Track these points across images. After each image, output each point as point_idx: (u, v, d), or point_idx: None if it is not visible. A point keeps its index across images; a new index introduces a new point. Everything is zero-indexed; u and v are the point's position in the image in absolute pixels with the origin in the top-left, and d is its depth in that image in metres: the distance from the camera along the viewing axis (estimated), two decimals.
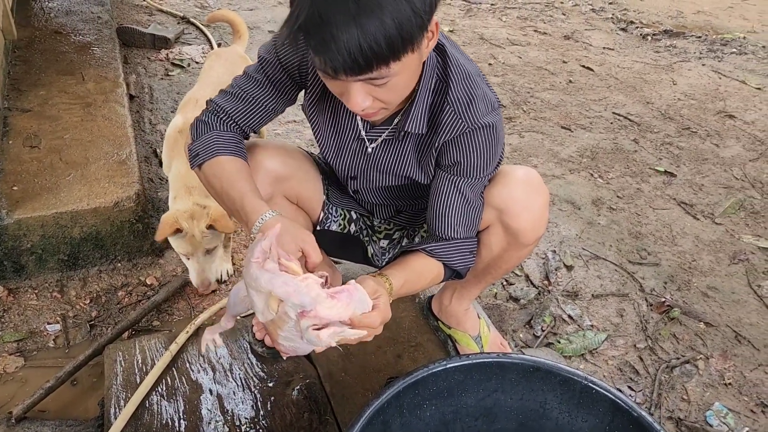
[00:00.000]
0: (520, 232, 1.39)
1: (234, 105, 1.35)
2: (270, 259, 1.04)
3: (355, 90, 1.06)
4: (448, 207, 1.33)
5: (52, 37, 3.15)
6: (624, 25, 5.23)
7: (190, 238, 1.87)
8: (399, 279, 1.24)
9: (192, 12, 4.52)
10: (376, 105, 1.11)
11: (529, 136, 3.29)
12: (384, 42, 0.96)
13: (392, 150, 1.36)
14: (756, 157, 3.23)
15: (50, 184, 2.10)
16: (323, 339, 1.02)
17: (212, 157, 1.30)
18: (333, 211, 1.59)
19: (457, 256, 1.38)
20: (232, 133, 1.35)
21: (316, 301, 1.00)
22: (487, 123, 1.25)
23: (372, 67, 0.99)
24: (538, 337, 2.06)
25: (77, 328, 1.99)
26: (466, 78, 1.24)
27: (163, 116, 3.08)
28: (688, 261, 2.45)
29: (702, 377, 1.96)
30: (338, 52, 0.96)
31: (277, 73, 1.33)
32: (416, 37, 1.01)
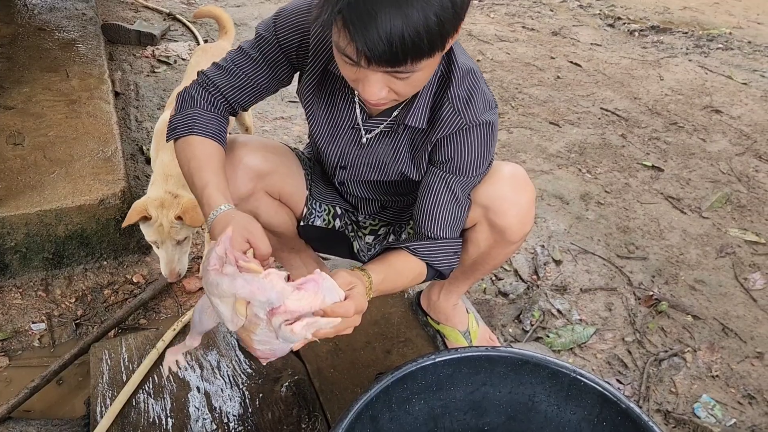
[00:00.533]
0: (506, 229, 1.39)
1: (225, 80, 1.33)
2: (227, 264, 1.01)
3: (375, 79, 1.03)
4: (437, 204, 1.32)
5: (35, 34, 3.12)
6: (611, 21, 5.24)
7: (158, 227, 1.84)
8: (378, 274, 1.22)
9: (178, 8, 4.49)
10: (389, 96, 1.09)
11: (518, 132, 3.30)
12: (426, 36, 0.94)
13: (387, 142, 1.35)
14: (742, 152, 3.25)
15: (34, 181, 2.08)
16: (297, 332, 0.98)
17: (188, 135, 1.27)
18: (317, 207, 1.57)
19: (441, 256, 1.36)
20: (214, 114, 1.32)
21: (283, 295, 0.97)
22: (485, 121, 1.24)
23: (406, 60, 0.97)
24: (527, 332, 2.06)
25: (63, 327, 1.97)
26: (467, 75, 1.24)
27: (149, 113, 3.05)
28: (676, 255, 2.46)
29: (690, 370, 1.97)
30: (379, 42, 0.93)
31: (273, 52, 1.30)
32: (449, 37, 1.00)
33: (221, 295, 1.01)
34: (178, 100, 1.34)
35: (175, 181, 1.92)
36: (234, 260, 1.01)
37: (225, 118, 1.35)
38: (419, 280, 1.38)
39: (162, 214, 1.83)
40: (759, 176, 3.03)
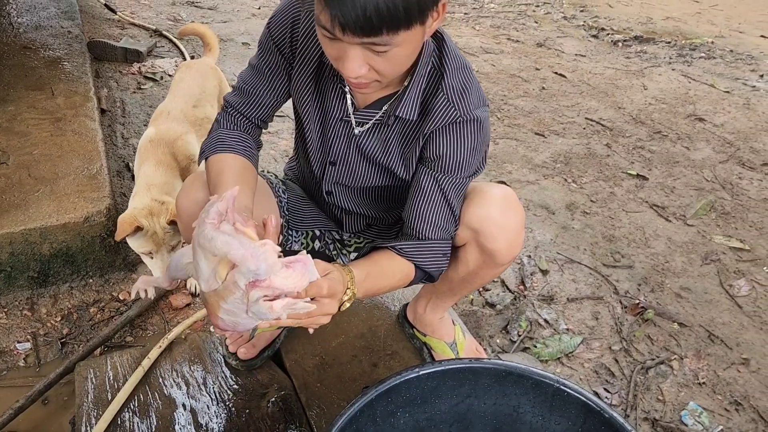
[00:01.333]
0: (496, 252, 1.38)
1: (240, 98, 1.38)
2: (225, 222, 0.98)
3: (353, 54, 1.03)
4: (427, 204, 1.30)
5: (21, 52, 3.12)
6: (595, 32, 5.30)
7: (153, 235, 1.84)
8: (361, 271, 1.19)
9: (165, 25, 4.50)
10: (371, 75, 1.09)
11: (504, 143, 3.32)
12: (402, 5, 0.95)
13: (378, 136, 1.34)
14: (726, 159, 3.28)
15: (18, 200, 2.07)
16: (276, 310, 0.95)
17: (212, 154, 1.32)
18: (293, 233, 1.58)
19: (429, 258, 1.34)
20: (236, 131, 1.36)
21: (272, 270, 0.94)
22: (477, 116, 1.24)
23: (381, 30, 0.97)
24: (514, 342, 2.06)
25: (48, 346, 1.96)
26: (461, 68, 1.24)
27: (135, 130, 3.05)
28: (661, 263, 2.47)
29: (677, 377, 1.98)
30: (353, 7, 0.94)
31: (273, 55, 1.33)
32: (429, 9, 1.00)
33: (211, 250, 0.98)
34: (210, 129, 1.40)
35: (158, 190, 1.93)
36: (233, 220, 0.99)
37: (248, 134, 1.39)
38: (406, 282, 1.34)
39: (153, 222, 1.83)
40: (742, 183, 3.06)
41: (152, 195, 1.91)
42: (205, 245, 0.97)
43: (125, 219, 1.82)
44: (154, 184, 1.95)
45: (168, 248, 1.90)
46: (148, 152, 2.09)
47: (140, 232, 1.84)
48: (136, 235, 1.86)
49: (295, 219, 1.56)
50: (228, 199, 0.99)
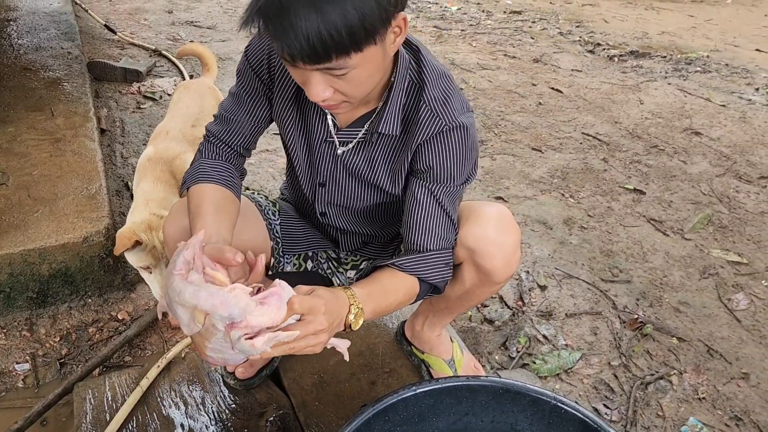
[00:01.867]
0: (492, 271, 1.38)
1: (222, 127, 1.38)
2: (194, 270, 0.98)
3: (315, 80, 1.05)
4: (424, 215, 1.29)
5: (21, 73, 3.14)
6: (591, 47, 5.34)
7: (152, 249, 1.85)
8: (363, 289, 1.18)
9: (164, 45, 4.54)
10: (337, 97, 1.10)
11: (501, 159, 3.33)
12: (345, 31, 0.95)
13: (363, 154, 1.34)
14: (722, 173, 3.29)
15: (18, 221, 2.08)
16: (258, 347, 0.96)
17: (192, 185, 1.32)
18: (284, 256, 1.58)
19: (432, 270, 1.31)
20: (219, 162, 1.37)
21: (246, 311, 0.95)
22: (462, 123, 1.23)
23: (330, 56, 0.98)
24: (513, 359, 2.06)
25: (47, 367, 1.96)
26: (440, 77, 1.24)
27: (134, 149, 3.07)
28: (660, 277, 2.48)
29: (676, 392, 1.97)
30: (296, 38, 0.95)
31: (252, 82, 1.34)
32: (379, 30, 1.00)
33: (182, 303, 0.99)
34: (193, 159, 1.41)
35: (157, 205, 1.94)
36: (201, 267, 0.99)
37: (230, 163, 1.39)
38: (412, 297, 1.32)
39: (152, 236, 1.84)
40: (739, 197, 3.07)
41: (151, 209, 1.92)
42: (175, 298, 0.99)
43: (124, 233, 1.83)
44: (152, 200, 1.96)
45: (166, 262, 1.90)
46: (146, 170, 2.11)
47: (139, 246, 1.85)
48: (134, 250, 1.86)
49: (287, 241, 1.57)
50: (194, 246, 1.00)
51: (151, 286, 1.94)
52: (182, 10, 5.55)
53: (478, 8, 6.49)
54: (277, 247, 1.54)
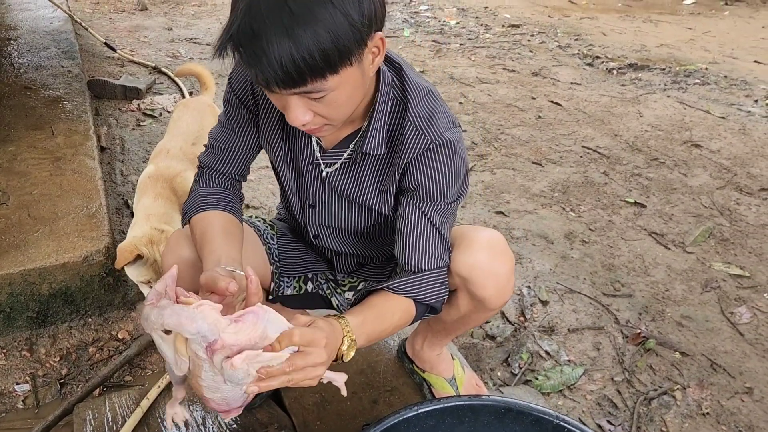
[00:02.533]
0: (485, 300, 1.37)
1: (213, 157, 1.39)
2: (165, 297, 0.97)
3: (293, 104, 1.04)
4: (416, 235, 1.27)
5: (21, 92, 3.16)
6: (590, 60, 5.36)
7: (153, 263, 1.84)
8: (357, 317, 1.17)
9: (164, 62, 4.56)
10: (317, 120, 1.09)
11: (501, 173, 3.34)
12: (318, 54, 0.94)
13: (350, 175, 1.32)
14: (723, 185, 3.29)
15: (18, 240, 2.08)
16: (237, 366, 0.92)
17: (194, 214, 1.33)
18: (284, 279, 1.58)
19: (427, 290, 1.30)
20: (216, 188, 1.38)
21: (217, 327, 0.92)
22: (449, 139, 1.22)
23: (306, 80, 0.98)
24: (515, 375, 2.05)
25: (47, 387, 1.94)
26: (424, 95, 1.23)
27: (134, 167, 3.08)
28: (662, 291, 2.47)
29: (680, 408, 1.96)
30: (269, 64, 0.95)
31: (238, 111, 1.34)
32: (354, 51, 0.99)
33: (150, 329, 0.96)
34: (190, 190, 1.42)
35: (158, 219, 1.94)
36: (174, 296, 0.98)
37: (228, 189, 1.40)
38: (408, 319, 1.30)
39: (153, 250, 1.84)
40: (740, 209, 3.07)
41: (152, 224, 1.93)
42: (147, 326, 0.97)
43: (125, 247, 1.83)
44: (153, 214, 1.98)
45: None
46: (147, 187, 2.12)
47: (140, 260, 1.85)
48: (135, 264, 1.86)
49: (286, 265, 1.56)
50: (166, 279, 0.99)
51: None
52: (182, 27, 5.59)
53: (477, 22, 6.52)
54: (276, 272, 1.54)
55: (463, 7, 7.21)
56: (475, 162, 3.43)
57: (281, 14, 0.93)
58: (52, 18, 4.52)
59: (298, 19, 0.92)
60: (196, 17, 5.97)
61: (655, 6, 7.85)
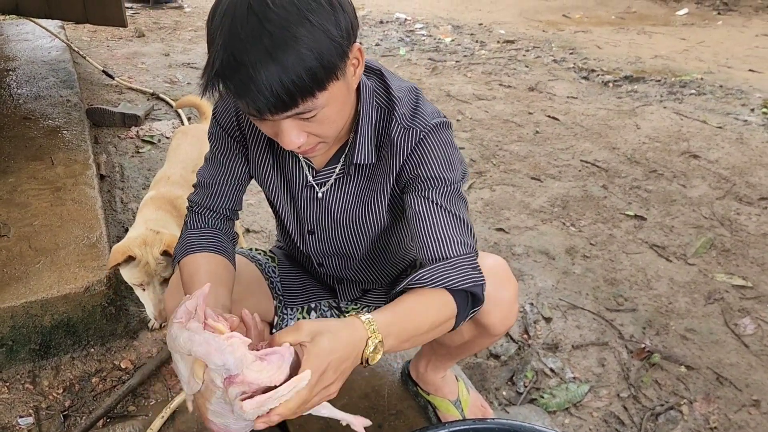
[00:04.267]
0: (489, 327, 1.36)
1: (203, 195, 1.38)
2: (194, 319, 0.95)
3: (286, 128, 1.04)
4: (429, 224, 1.20)
5: (21, 123, 3.17)
6: (585, 73, 5.38)
7: (145, 265, 1.84)
8: (384, 315, 1.07)
9: (162, 88, 4.59)
10: (311, 140, 1.09)
11: (500, 189, 3.34)
12: (305, 74, 0.95)
13: (344, 189, 1.31)
14: (722, 195, 3.29)
15: (19, 273, 2.08)
16: (247, 410, 0.91)
17: (182, 257, 1.32)
18: (287, 311, 1.57)
19: (457, 276, 1.16)
20: (205, 229, 1.37)
21: (243, 363, 0.91)
22: (436, 124, 1.21)
23: (297, 101, 0.98)
24: (521, 394, 2.04)
25: (50, 420, 1.93)
26: (408, 94, 1.23)
27: (134, 194, 3.08)
28: (665, 304, 2.46)
29: (687, 423, 1.95)
30: (259, 92, 0.95)
31: (225, 143, 1.34)
32: (338, 65, 1.00)
33: (177, 350, 0.96)
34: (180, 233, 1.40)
35: (155, 224, 1.95)
36: (203, 316, 0.97)
37: (218, 229, 1.39)
38: (449, 314, 1.16)
39: (146, 252, 1.84)
40: (741, 219, 3.07)
41: (148, 226, 1.93)
42: (172, 345, 0.96)
43: (118, 248, 1.83)
44: (151, 219, 1.99)
45: (160, 279, 1.89)
46: (148, 205, 2.14)
47: (133, 262, 1.84)
48: (129, 266, 1.86)
49: (289, 297, 1.56)
50: (198, 297, 0.98)
51: (145, 305, 1.94)
52: (179, 52, 5.63)
53: (472, 39, 6.56)
54: (280, 306, 1.53)
55: (458, 24, 7.26)
56: (474, 179, 3.44)
57: (262, 40, 0.93)
58: (50, 48, 4.56)
59: (279, 42, 0.93)
60: (192, 42, 6.01)
61: (648, 18, 7.90)
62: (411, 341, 1.12)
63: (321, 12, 0.96)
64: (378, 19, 7.35)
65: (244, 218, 2.96)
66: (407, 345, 1.12)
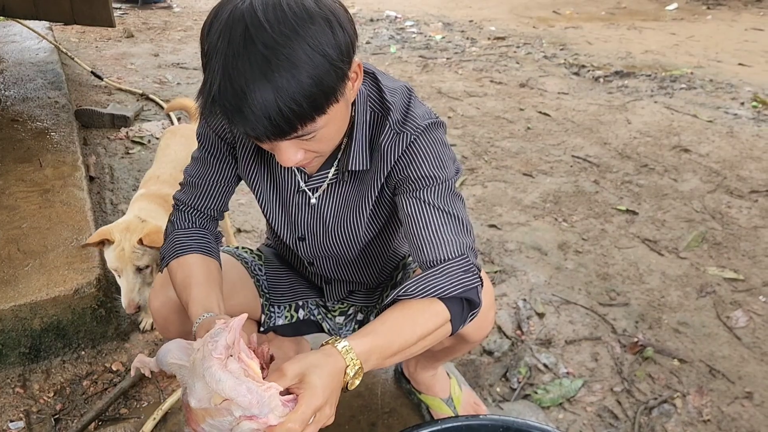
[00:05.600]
0: (465, 335, 1.33)
1: (190, 194, 1.36)
2: (232, 359, 0.97)
3: (284, 148, 1.03)
4: (423, 224, 1.16)
5: (8, 125, 3.15)
6: (576, 69, 5.39)
7: (119, 251, 1.84)
8: (363, 341, 1.04)
9: (151, 88, 4.56)
10: (308, 156, 1.08)
11: (492, 186, 3.34)
12: (305, 101, 0.93)
13: (336, 194, 1.30)
14: (713, 189, 3.30)
15: (8, 276, 2.06)
16: None
17: (173, 259, 1.30)
18: (275, 309, 1.56)
19: (445, 283, 1.12)
20: (192, 230, 1.35)
21: (271, 411, 0.95)
22: (426, 125, 1.18)
23: (296, 127, 0.96)
24: (514, 390, 2.03)
25: (41, 424, 1.92)
26: (401, 98, 1.21)
27: (124, 195, 3.07)
28: (657, 298, 2.46)
29: (681, 416, 1.95)
30: (257, 120, 0.93)
31: (214, 144, 1.32)
32: (338, 88, 0.98)
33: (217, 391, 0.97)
34: (165, 231, 1.38)
35: (146, 213, 1.97)
36: (238, 352, 0.98)
37: (205, 229, 1.38)
38: (441, 321, 1.13)
39: (125, 237, 1.84)
40: (732, 212, 3.07)
41: (135, 213, 1.95)
42: (212, 384, 0.97)
43: (100, 231, 1.86)
44: (142, 209, 2.01)
45: (133, 268, 1.89)
46: (139, 199, 2.16)
47: (111, 246, 1.84)
48: (107, 250, 1.88)
49: (276, 294, 1.55)
50: (235, 330, 0.99)
51: (121, 293, 1.95)
52: (168, 52, 5.60)
53: (463, 36, 6.56)
54: (266, 303, 1.52)
55: (448, 21, 7.26)
56: (466, 176, 3.43)
57: (260, 66, 0.90)
58: (38, 49, 4.53)
59: (278, 68, 0.90)
60: (182, 42, 5.99)
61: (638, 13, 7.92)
62: (400, 355, 1.10)
63: (319, 34, 0.93)
64: (368, 17, 7.34)
65: (236, 218, 2.94)
66: (396, 359, 1.11)
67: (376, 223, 1.34)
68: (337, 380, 1.00)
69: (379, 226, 1.34)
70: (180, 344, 1.13)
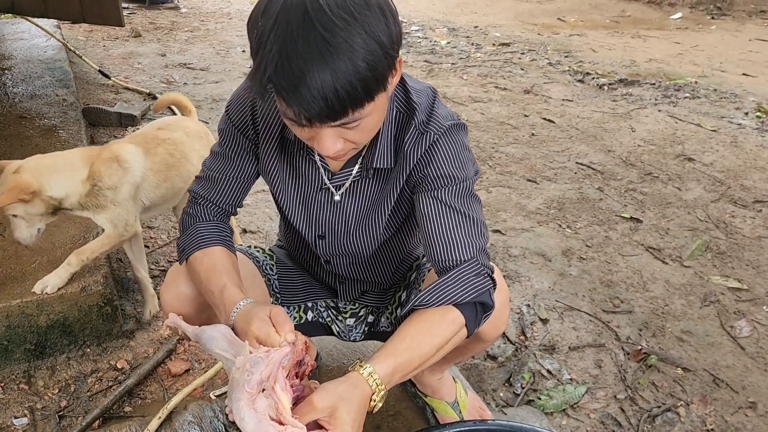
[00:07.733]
0: (481, 333, 1.33)
1: (208, 188, 1.37)
2: (262, 396, 0.99)
3: (326, 134, 1.03)
4: (437, 224, 1.19)
5: (16, 122, 3.16)
6: (581, 76, 5.40)
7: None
8: (385, 364, 1.08)
9: (158, 88, 4.58)
10: (347, 146, 1.09)
11: (497, 191, 3.35)
12: (360, 85, 0.94)
13: (359, 192, 1.31)
14: (717, 198, 3.31)
15: (15, 272, 2.07)
16: None
17: (194, 251, 1.31)
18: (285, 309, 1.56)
19: (460, 288, 1.15)
20: (213, 223, 1.36)
21: None
22: (449, 126, 1.21)
23: (347, 111, 0.97)
24: (518, 395, 2.04)
25: (46, 420, 1.92)
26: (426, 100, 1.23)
27: None
28: (661, 306, 2.47)
29: (684, 424, 1.95)
30: (313, 101, 0.94)
31: (236, 140, 1.32)
32: (387, 77, 1.00)
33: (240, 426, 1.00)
34: (180, 223, 1.39)
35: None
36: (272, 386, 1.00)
37: (224, 223, 1.39)
38: (457, 328, 1.16)
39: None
40: (735, 221, 3.08)
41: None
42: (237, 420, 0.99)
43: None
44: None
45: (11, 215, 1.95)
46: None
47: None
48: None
49: (286, 295, 1.55)
50: (275, 364, 1.00)
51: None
52: (175, 52, 5.62)
53: (468, 41, 6.58)
54: (276, 303, 1.53)
55: (453, 26, 7.28)
56: None
57: (319, 48, 0.92)
58: (46, 47, 4.54)
59: (336, 51, 0.92)
60: (189, 42, 6.00)
61: (642, 21, 7.94)
62: (420, 368, 1.14)
63: (376, 21, 0.95)
64: None
65: (241, 218, 2.95)
66: (417, 372, 1.15)
67: (395, 223, 1.35)
68: (364, 410, 1.05)
69: (397, 225, 1.35)
70: (224, 334, 1.13)
